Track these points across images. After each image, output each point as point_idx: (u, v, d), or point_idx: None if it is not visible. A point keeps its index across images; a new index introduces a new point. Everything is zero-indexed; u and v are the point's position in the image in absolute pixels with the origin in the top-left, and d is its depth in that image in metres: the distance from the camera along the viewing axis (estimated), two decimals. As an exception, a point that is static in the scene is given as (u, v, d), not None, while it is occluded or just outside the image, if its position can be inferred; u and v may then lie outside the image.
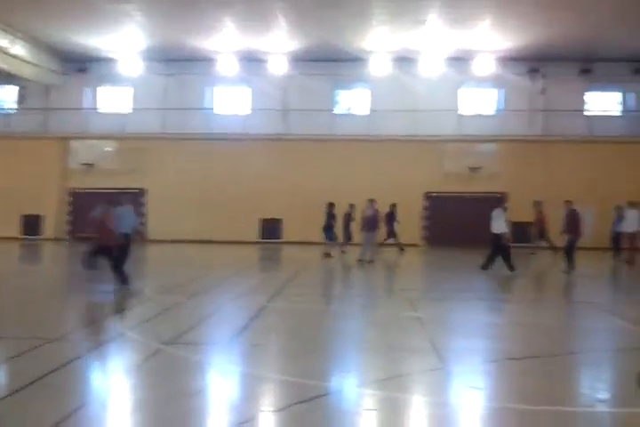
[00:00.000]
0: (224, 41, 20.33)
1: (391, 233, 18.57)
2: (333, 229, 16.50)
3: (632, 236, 16.31)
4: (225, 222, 21.23)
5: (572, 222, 14.21)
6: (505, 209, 14.10)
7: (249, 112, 22.79)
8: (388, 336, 7.05)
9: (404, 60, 21.21)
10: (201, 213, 21.34)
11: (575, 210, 14.67)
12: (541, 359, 6.04)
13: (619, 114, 22.53)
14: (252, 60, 21.60)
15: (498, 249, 13.40)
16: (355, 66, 21.44)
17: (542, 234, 18.14)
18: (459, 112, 22.15)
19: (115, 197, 10.83)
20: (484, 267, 13.38)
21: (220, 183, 21.79)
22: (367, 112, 22.43)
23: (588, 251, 17.67)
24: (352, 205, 16.97)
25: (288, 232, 21.85)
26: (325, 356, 6.05)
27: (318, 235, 20.81)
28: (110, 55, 21.77)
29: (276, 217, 21.95)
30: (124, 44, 20.95)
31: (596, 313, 9.12)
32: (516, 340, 7.12)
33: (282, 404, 4.58)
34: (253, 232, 22.00)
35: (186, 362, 5.63)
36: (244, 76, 22.24)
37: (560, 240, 15.02)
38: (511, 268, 13.21)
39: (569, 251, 14.04)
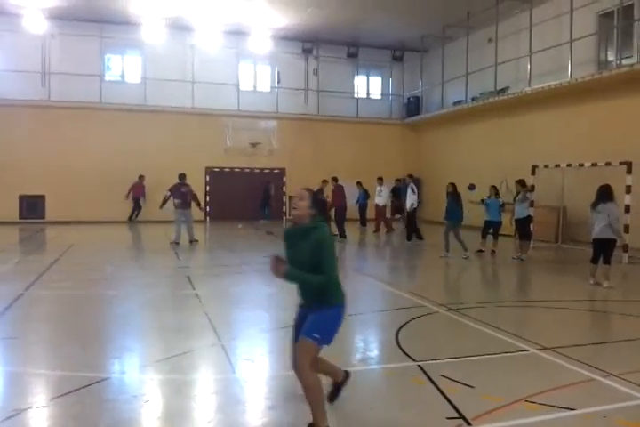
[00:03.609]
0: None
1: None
2: (268, 206, 17.55)
3: (381, 209, 18.03)
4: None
5: (337, 196, 15.71)
6: (414, 186, 15.17)
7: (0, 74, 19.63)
8: (165, 316, 6.77)
9: (180, 29, 20.36)
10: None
11: (341, 185, 16.21)
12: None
13: (379, 97, 24.72)
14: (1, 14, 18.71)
15: (413, 221, 14.93)
16: (126, 30, 19.91)
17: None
18: (240, 87, 22.07)
19: None
20: (409, 238, 14.95)
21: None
22: (138, 80, 21.07)
23: (352, 221, 19.26)
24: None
25: (51, 210, 19.73)
26: (95, 344, 5.55)
27: (85, 213, 19.31)
28: None
29: (38, 194, 19.64)
30: None
31: (362, 278, 9.99)
32: (288, 308, 7.38)
33: (46, 398, 4.11)
34: (12, 211, 19.39)
35: None
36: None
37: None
38: (420, 237, 15.14)
39: (338, 221, 15.33)
